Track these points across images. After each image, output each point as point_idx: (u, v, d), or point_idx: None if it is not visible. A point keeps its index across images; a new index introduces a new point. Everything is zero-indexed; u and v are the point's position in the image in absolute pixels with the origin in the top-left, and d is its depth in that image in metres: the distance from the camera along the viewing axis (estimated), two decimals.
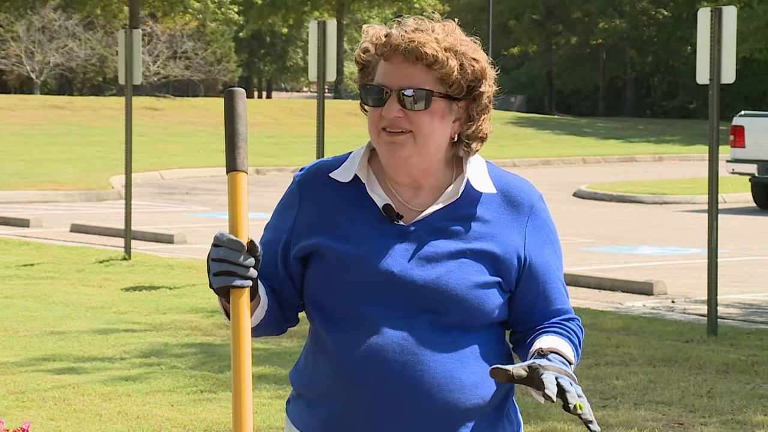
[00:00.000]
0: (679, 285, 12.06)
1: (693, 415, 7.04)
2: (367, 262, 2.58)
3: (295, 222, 2.66)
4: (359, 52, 2.63)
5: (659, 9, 59.94)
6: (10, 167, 25.78)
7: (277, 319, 2.67)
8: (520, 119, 47.20)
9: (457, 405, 2.60)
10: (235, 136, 2.56)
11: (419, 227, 2.61)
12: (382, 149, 2.61)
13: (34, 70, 49.48)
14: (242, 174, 2.50)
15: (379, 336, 2.57)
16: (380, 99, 2.59)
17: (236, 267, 2.45)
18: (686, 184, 24.68)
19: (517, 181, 2.71)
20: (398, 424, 2.58)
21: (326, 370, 2.61)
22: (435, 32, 2.59)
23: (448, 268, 2.59)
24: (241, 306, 2.48)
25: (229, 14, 56.41)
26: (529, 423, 6.79)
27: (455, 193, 2.64)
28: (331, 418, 2.61)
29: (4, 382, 7.57)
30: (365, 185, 2.64)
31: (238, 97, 2.58)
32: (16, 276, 12.21)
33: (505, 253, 2.63)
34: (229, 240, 2.45)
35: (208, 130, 37.65)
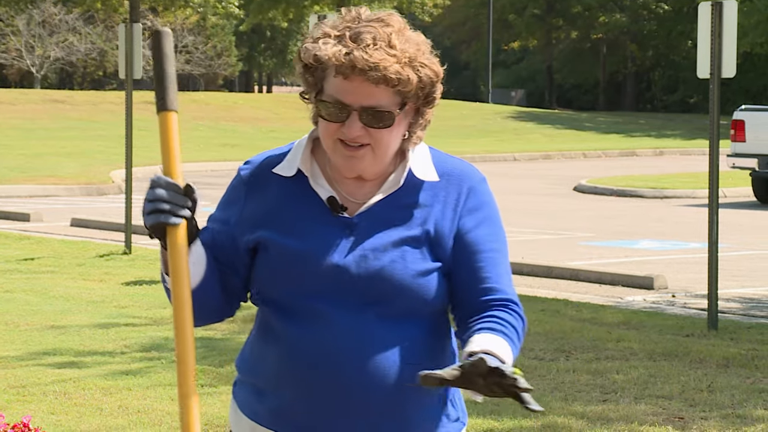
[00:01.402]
0: (680, 279, 12.06)
1: (693, 409, 7.04)
2: (312, 256, 2.60)
3: (241, 216, 2.68)
4: (308, 56, 2.59)
5: (660, 3, 59.90)
6: (10, 161, 25.78)
7: (215, 293, 2.66)
8: (520, 114, 47.18)
9: (404, 394, 2.62)
10: (165, 76, 2.56)
11: (363, 218, 2.63)
12: (338, 159, 2.62)
13: (35, 65, 49.45)
14: (173, 113, 2.54)
15: (327, 328, 2.59)
16: (339, 116, 2.58)
17: (170, 205, 2.50)
18: (687, 179, 24.67)
19: (460, 165, 2.72)
20: (346, 414, 2.61)
21: (276, 361, 2.64)
22: (393, 46, 2.57)
23: (392, 258, 2.60)
24: (179, 243, 2.51)
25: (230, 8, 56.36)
26: (528, 418, 6.79)
27: (397, 182, 2.65)
28: (279, 408, 2.64)
29: (5, 377, 7.57)
30: (308, 178, 2.66)
31: (165, 38, 2.58)
32: (17, 270, 12.21)
33: (441, 236, 2.64)
34: (166, 182, 2.50)
35: (209, 124, 37.65)
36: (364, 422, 2.61)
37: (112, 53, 50.17)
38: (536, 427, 6.66)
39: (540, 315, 9.84)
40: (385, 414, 2.62)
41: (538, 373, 7.85)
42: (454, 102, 51.09)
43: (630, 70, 63.52)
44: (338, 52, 2.55)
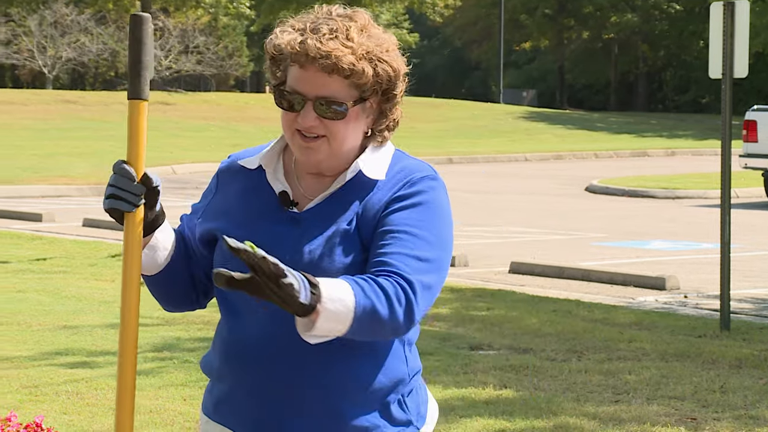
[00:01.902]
0: (692, 280, 12.04)
1: (706, 410, 7.03)
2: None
3: (207, 206, 2.77)
4: (271, 47, 2.65)
5: (671, 3, 59.80)
6: (22, 162, 25.84)
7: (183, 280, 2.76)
8: (531, 114, 47.13)
9: (337, 384, 2.62)
10: (139, 64, 2.58)
11: (309, 214, 2.67)
12: (296, 151, 2.67)
13: (47, 65, 49.56)
14: (144, 103, 2.62)
15: (264, 318, 2.63)
16: (294, 105, 2.63)
17: (124, 193, 2.61)
18: (698, 179, 24.62)
19: (413, 164, 2.70)
20: (280, 404, 2.64)
21: (218, 353, 2.72)
22: (350, 39, 2.59)
23: (322, 252, 2.62)
24: (133, 229, 2.63)
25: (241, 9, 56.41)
26: (540, 418, 6.78)
27: (343, 179, 2.68)
28: (219, 399, 2.72)
29: (17, 377, 7.59)
30: (267, 174, 2.71)
31: (143, 23, 2.59)
32: (29, 270, 12.24)
33: (367, 222, 2.64)
34: (120, 168, 2.61)
35: (220, 124, 37.70)
36: (294, 413, 2.64)
37: (123, 54, 50.24)
38: (548, 427, 6.65)
39: (552, 315, 9.83)
40: (315, 406, 2.64)
41: (550, 374, 7.84)
42: (465, 102, 51.06)
43: (641, 70, 63.43)
44: (293, 40, 2.60)
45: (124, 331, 2.63)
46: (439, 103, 46.90)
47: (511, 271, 12.54)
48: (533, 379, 7.70)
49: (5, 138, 31.56)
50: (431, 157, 30.67)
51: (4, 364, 7.93)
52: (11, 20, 51.24)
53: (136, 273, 2.64)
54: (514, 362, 8.09)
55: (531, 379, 7.70)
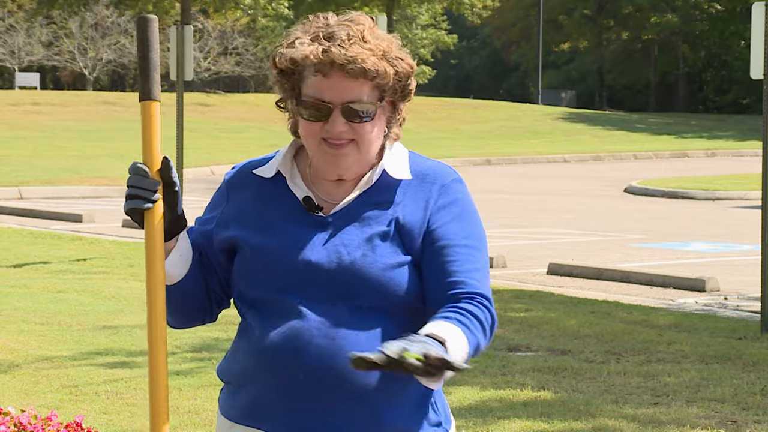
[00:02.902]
0: (732, 281, 11.96)
1: (746, 413, 6.97)
2: (286, 253, 2.65)
3: (221, 215, 2.74)
4: (283, 60, 2.64)
5: (712, 3, 59.42)
6: (63, 162, 26.03)
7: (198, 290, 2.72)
8: (570, 115, 46.98)
9: (374, 388, 2.62)
10: (149, 64, 2.57)
11: (337, 217, 2.67)
12: (322, 157, 2.66)
13: (87, 67, 49.91)
14: (156, 103, 2.60)
15: (297, 321, 2.62)
16: (321, 114, 2.62)
17: (141, 191, 2.59)
18: (739, 180, 24.45)
19: (435, 165, 2.74)
20: (313, 407, 2.62)
21: (245, 357, 2.69)
22: (366, 41, 2.62)
23: (363, 253, 2.63)
24: (154, 227, 2.60)
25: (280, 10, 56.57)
26: (579, 420, 6.76)
27: (370, 180, 2.69)
28: (248, 403, 2.68)
29: (58, 376, 7.64)
30: (286, 179, 2.71)
31: (150, 24, 2.58)
32: (69, 271, 12.33)
33: (410, 230, 2.66)
34: (133, 167, 2.60)
35: (258, 125, 37.83)
36: (333, 418, 2.63)
37: (163, 55, 50.49)
38: (587, 429, 6.63)
39: (590, 317, 9.79)
40: (353, 410, 2.62)
41: (589, 376, 7.81)
42: (503, 103, 50.96)
43: (682, 70, 63.07)
44: (315, 50, 2.60)
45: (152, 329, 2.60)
46: (477, 104, 46.83)
47: (549, 272, 12.50)
48: (571, 381, 7.67)
49: (46, 139, 31.81)
50: (470, 158, 30.64)
51: (45, 364, 7.99)
52: (53, 22, 51.66)
53: (160, 275, 2.60)
54: (553, 364, 8.07)
55: (569, 381, 7.67)
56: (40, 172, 23.90)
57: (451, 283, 2.62)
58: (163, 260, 2.62)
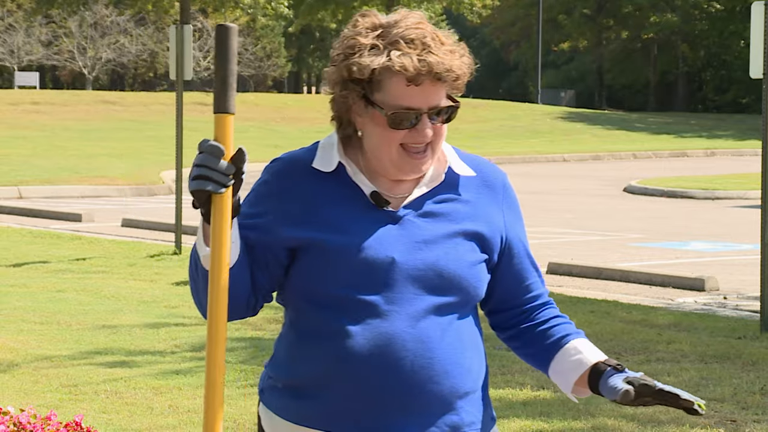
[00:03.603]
0: (731, 281, 11.96)
1: (746, 412, 6.97)
2: (363, 250, 2.58)
3: (275, 213, 2.63)
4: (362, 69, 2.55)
5: (712, 2, 59.44)
6: (62, 162, 26.03)
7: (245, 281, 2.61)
8: (570, 114, 46.98)
9: (458, 390, 2.63)
10: (228, 76, 2.50)
11: (408, 212, 2.63)
12: (398, 165, 2.60)
13: (86, 66, 49.90)
14: (231, 117, 2.51)
15: (385, 324, 2.57)
16: (407, 122, 2.58)
17: (212, 172, 2.45)
18: (738, 180, 24.46)
19: (486, 162, 2.77)
20: (403, 411, 2.59)
21: (329, 362, 2.59)
22: (444, 43, 2.60)
23: (445, 250, 2.61)
24: (222, 211, 2.47)
25: (279, 9, 56.58)
26: (578, 419, 6.76)
27: (439, 177, 2.67)
28: (334, 409, 2.59)
29: (57, 376, 7.64)
30: (350, 174, 2.64)
31: (232, 34, 2.50)
32: (69, 270, 12.33)
33: (491, 232, 2.68)
34: (209, 146, 2.46)
35: (258, 125, 37.82)
36: (419, 420, 2.60)
37: (162, 54, 50.51)
38: (586, 428, 6.63)
39: (590, 316, 9.79)
40: (441, 415, 2.61)
41: None
42: (503, 102, 50.95)
43: (681, 70, 63.08)
44: (411, 62, 2.54)
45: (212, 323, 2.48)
46: (477, 104, 46.83)
47: (549, 271, 12.50)
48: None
49: (45, 138, 31.81)
50: None
51: (44, 363, 7.99)
52: (52, 21, 51.65)
53: (224, 263, 2.48)
54: None
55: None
56: (39, 171, 23.90)
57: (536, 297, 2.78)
58: (229, 249, 2.49)
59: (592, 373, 2.66)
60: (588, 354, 2.69)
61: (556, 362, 2.71)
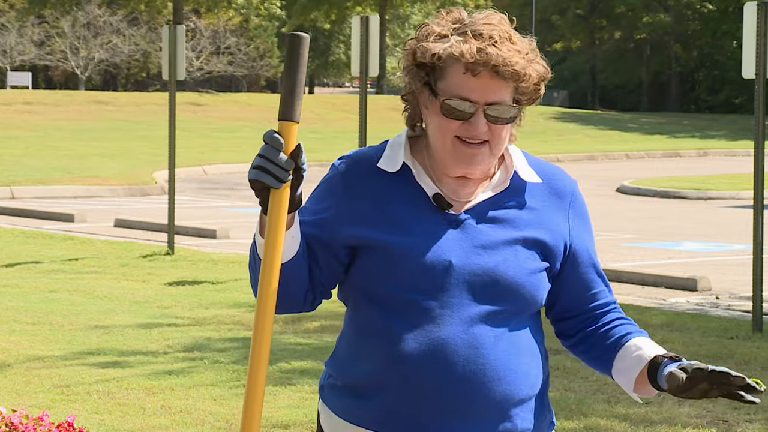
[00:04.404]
0: (724, 281, 11.97)
1: (737, 412, 6.98)
2: (423, 252, 2.58)
3: (339, 210, 2.63)
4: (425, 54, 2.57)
5: (704, 3, 59.51)
6: (55, 162, 25.99)
7: (302, 277, 2.61)
8: (563, 114, 47.02)
9: (513, 396, 2.61)
10: (298, 85, 2.48)
11: (470, 216, 2.62)
12: (453, 156, 2.60)
13: (79, 66, 49.84)
14: (295, 126, 2.49)
15: (439, 328, 2.57)
16: (463, 113, 2.57)
17: (271, 165, 2.45)
18: (731, 180, 24.49)
19: (556, 169, 2.75)
20: (457, 416, 2.58)
21: (383, 362, 2.59)
22: (514, 42, 2.59)
23: (504, 257, 2.60)
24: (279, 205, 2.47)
25: (272, 9, 56.57)
26: (571, 419, 6.77)
27: (504, 182, 2.66)
28: (389, 411, 2.59)
29: (49, 376, 7.63)
30: (414, 175, 2.63)
31: (304, 43, 2.49)
32: (61, 270, 12.31)
33: (554, 240, 2.66)
34: (271, 137, 2.46)
35: (251, 125, 37.80)
36: (472, 422, 2.59)
37: (155, 55, 50.47)
38: (579, 428, 6.63)
39: None
40: (495, 421, 2.60)
41: (581, 375, 7.81)
42: None
43: (674, 70, 63.14)
44: (470, 49, 2.55)
45: (260, 316, 2.49)
46: None
47: None
48: (564, 381, 7.67)
49: (38, 138, 31.77)
50: None
51: (36, 364, 7.98)
52: (44, 21, 51.59)
53: (277, 256, 2.49)
54: None
55: (561, 381, 7.67)
56: (31, 171, 23.87)
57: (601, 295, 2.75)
58: (282, 243, 2.49)
59: (651, 367, 2.62)
60: (647, 349, 2.64)
61: (618, 361, 2.69)
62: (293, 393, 7.25)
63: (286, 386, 7.41)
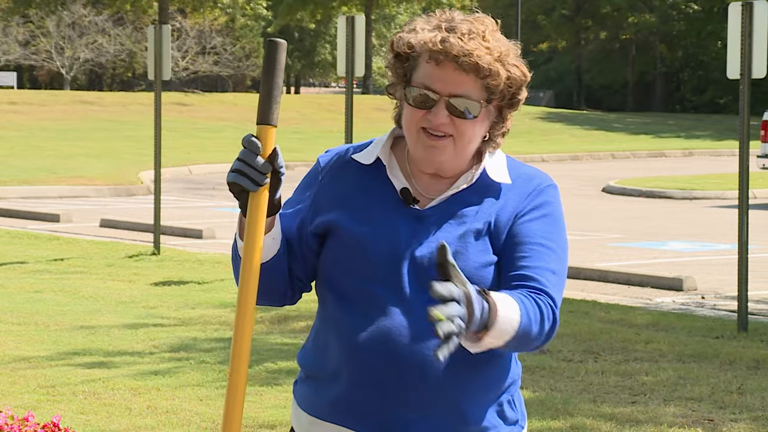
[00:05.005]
0: (709, 281, 12.00)
1: (723, 411, 7.00)
2: (379, 243, 2.63)
3: (314, 199, 2.71)
4: (401, 44, 2.65)
5: (689, 3, 59.66)
6: (40, 162, 25.93)
7: (283, 275, 2.68)
8: (548, 114, 47.08)
9: (462, 389, 2.63)
10: (275, 89, 2.55)
11: (433, 212, 2.67)
12: (418, 148, 2.66)
13: (64, 66, 49.72)
14: (273, 129, 2.56)
15: (388, 317, 2.61)
16: (426, 102, 2.62)
17: (248, 168, 2.51)
18: (716, 180, 24.55)
19: (534, 171, 2.75)
20: (406, 407, 2.62)
21: (335, 351, 2.65)
22: (486, 39, 2.63)
23: (456, 250, 2.63)
24: (257, 208, 2.53)
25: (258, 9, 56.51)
26: (557, 419, 6.77)
27: (469, 180, 2.69)
28: (338, 399, 2.65)
29: (35, 376, 7.61)
30: (386, 168, 2.70)
31: (281, 49, 2.56)
32: (46, 271, 12.28)
33: (498, 228, 2.67)
34: (248, 141, 2.52)
35: (236, 125, 37.75)
36: (419, 414, 2.62)
37: (141, 55, 50.38)
38: (564, 428, 6.64)
39: (568, 316, 9.81)
40: (440, 406, 2.62)
41: (567, 375, 7.83)
42: None
43: (659, 70, 63.29)
44: (434, 38, 2.61)
45: (240, 317, 2.54)
46: None
47: None
48: (550, 380, 7.68)
49: (23, 139, 31.68)
50: None
51: (22, 364, 7.96)
52: (29, 21, 51.46)
53: (256, 258, 2.54)
54: (531, 363, 8.08)
55: (547, 380, 7.68)
56: (16, 171, 23.81)
57: (522, 277, 2.61)
58: (261, 245, 2.55)
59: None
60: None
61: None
62: (279, 393, 7.25)
63: (272, 386, 7.40)
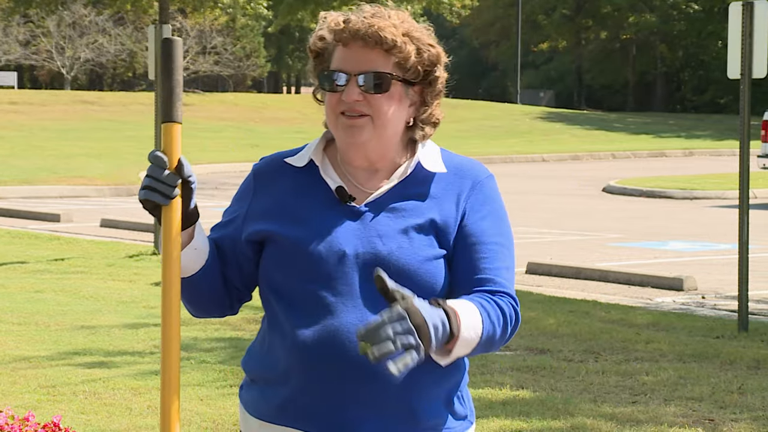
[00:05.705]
0: (710, 281, 12.01)
1: (723, 411, 7.00)
2: (319, 244, 2.63)
3: (249, 208, 2.72)
4: (314, 41, 2.68)
5: (690, 3, 59.64)
6: (41, 162, 25.93)
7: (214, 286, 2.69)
8: (549, 114, 47.07)
9: (413, 381, 2.62)
10: (177, 86, 2.57)
11: (371, 207, 2.67)
12: (340, 133, 2.67)
13: (65, 66, 49.73)
14: (179, 126, 2.58)
15: (333, 317, 2.60)
16: (339, 84, 2.64)
17: (160, 184, 2.54)
18: (716, 180, 24.55)
19: (468, 162, 2.76)
20: (356, 404, 2.61)
21: (281, 353, 2.65)
22: (391, 18, 2.65)
23: (399, 244, 2.62)
24: (171, 221, 2.57)
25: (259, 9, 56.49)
26: (557, 419, 6.77)
27: (405, 172, 2.69)
28: (285, 402, 2.64)
29: (35, 376, 7.61)
30: (319, 168, 2.70)
31: (177, 47, 2.59)
32: (47, 270, 12.28)
33: (445, 224, 2.66)
34: (153, 156, 2.55)
35: (237, 125, 37.76)
36: (371, 412, 2.61)
37: (141, 54, 50.38)
38: (565, 428, 6.64)
39: (569, 316, 9.81)
40: (391, 404, 2.62)
41: (567, 375, 7.83)
42: (482, 102, 51.02)
43: (660, 70, 63.27)
44: (337, 18, 2.64)
45: (166, 330, 2.56)
46: (456, 104, 46.90)
47: (528, 271, 12.52)
48: (550, 380, 7.68)
49: (24, 138, 31.69)
50: None
51: (22, 364, 7.96)
52: (30, 21, 51.46)
53: (175, 270, 2.57)
54: (531, 363, 8.08)
55: (548, 380, 7.69)
56: (17, 171, 23.81)
57: (481, 280, 2.64)
58: (179, 257, 2.58)
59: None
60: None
61: None
62: None
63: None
